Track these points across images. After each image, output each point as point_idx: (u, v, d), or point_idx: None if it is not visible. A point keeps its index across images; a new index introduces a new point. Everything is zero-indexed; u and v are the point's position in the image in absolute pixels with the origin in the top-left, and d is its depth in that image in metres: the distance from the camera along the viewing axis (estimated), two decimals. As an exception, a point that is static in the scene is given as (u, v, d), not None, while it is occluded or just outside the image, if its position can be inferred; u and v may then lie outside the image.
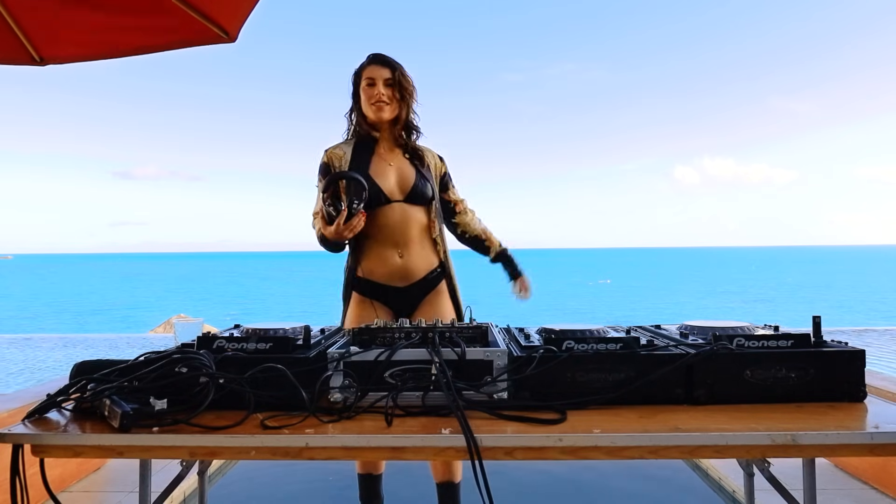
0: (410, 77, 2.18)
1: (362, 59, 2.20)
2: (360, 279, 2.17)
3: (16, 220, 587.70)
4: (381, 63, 2.14)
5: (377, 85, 2.12)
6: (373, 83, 2.12)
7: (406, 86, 2.15)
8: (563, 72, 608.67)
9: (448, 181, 2.33)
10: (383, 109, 2.12)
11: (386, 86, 2.12)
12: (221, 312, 26.63)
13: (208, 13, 2.11)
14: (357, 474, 2.26)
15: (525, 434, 1.11)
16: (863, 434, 1.09)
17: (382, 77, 2.12)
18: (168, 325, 11.49)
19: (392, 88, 2.13)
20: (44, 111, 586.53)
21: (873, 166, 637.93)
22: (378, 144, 2.20)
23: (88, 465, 3.02)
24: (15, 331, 19.55)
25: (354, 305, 2.19)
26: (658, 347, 1.33)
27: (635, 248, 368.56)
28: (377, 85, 2.12)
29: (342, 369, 1.27)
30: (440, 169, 2.31)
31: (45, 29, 2.23)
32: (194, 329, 1.72)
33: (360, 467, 2.25)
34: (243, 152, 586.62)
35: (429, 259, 2.19)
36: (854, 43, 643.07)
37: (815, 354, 1.28)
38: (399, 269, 2.14)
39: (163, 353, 1.30)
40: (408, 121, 2.20)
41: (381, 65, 2.14)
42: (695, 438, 1.09)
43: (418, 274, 2.16)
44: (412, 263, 2.15)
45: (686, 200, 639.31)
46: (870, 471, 2.80)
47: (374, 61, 2.15)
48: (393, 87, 2.13)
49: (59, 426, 1.17)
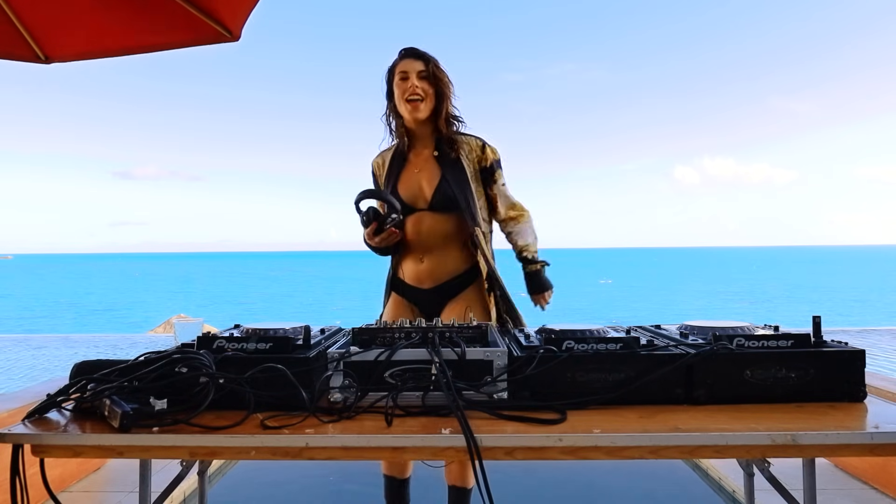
0: (445, 70, 2.11)
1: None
2: (399, 280, 2.23)
3: (16, 220, 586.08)
4: (413, 56, 2.09)
5: (410, 78, 2.06)
6: (406, 77, 2.07)
7: (441, 77, 2.09)
8: (563, 72, 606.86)
9: (491, 173, 2.17)
10: (418, 108, 2.06)
11: (420, 79, 2.06)
12: (221, 312, 26.64)
13: (212, 11, 2.11)
14: (382, 474, 2.21)
15: (525, 434, 1.11)
16: (863, 434, 1.09)
17: (416, 70, 2.06)
18: (168, 325, 11.50)
19: (427, 81, 2.07)
20: (44, 111, 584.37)
21: (873, 166, 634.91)
22: (411, 150, 2.17)
23: (88, 465, 3.02)
24: (15, 331, 19.55)
25: (392, 303, 2.25)
26: (658, 347, 1.33)
27: (635, 248, 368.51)
28: (410, 78, 2.06)
29: (342, 369, 1.27)
30: (481, 160, 2.15)
31: (49, 28, 2.24)
32: (194, 329, 1.72)
33: (386, 468, 2.19)
34: (243, 152, 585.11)
35: (455, 263, 2.14)
36: (854, 43, 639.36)
37: (815, 354, 1.28)
38: (422, 272, 2.15)
39: (163, 353, 1.30)
40: (447, 114, 2.12)
41: (414, 58, 2.09)
42: (695, 438, 1.09)
43: (441, 278, 2.14)
44: (434, 268, 2.14)
45: (686, 200, 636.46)
46: (870, 471, 2.80)
47: (406, 55, 2.10)
48: (428, 80, 2.07)
49: (59, 426, 1.17)
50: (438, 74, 2.08)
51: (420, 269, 2.15)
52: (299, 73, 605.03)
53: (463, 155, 2.13)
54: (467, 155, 2.14)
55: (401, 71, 2.08)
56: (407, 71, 2.07)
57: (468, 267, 2.15)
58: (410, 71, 2.07)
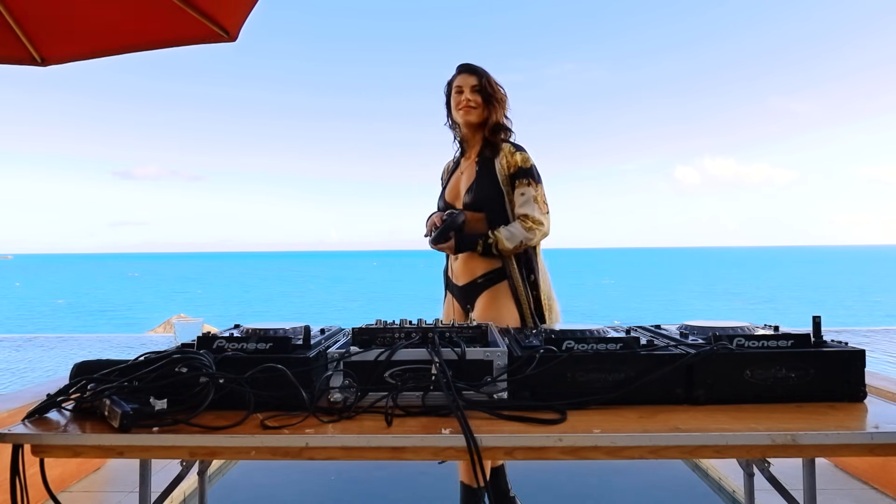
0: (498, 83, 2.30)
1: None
2: (447, 276, 2.43)
3: (16, 220, 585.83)
4: (468, 71, 2.29)
5: (465, 92, 2.27)
6: (461, 91, 2.28)
7: (493, 90, 2.28)
8: (563, 72, 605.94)
9: (516, 178, 2.23)
10: (470, 113, 2.27)
11: (473, 92, 2.26)
12: (221, 312, 26.63)
13: (208, 13, 2.11)
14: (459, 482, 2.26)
15: (525, 434, 1.11)
16: (863, 434, 1.09)
17: (469, 84, 2.27)
18: (168, 325, 11.49)
19: (478, 94, 2.26)
20: (44, 111, 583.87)
21: (874, 166, 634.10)
22: (465, 155, 2.39)
23: (88, 465, 3.02)
24: (15, 331, 19.55)
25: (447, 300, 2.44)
26: (658, 347, 1.33)
27: (635, 248, 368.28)
28: (465, 92, 2.27)
29: (342, 369, 1.27)
30: (510, 165, 2.24)
31: (46, 29, 2.24)
32: (194, 329, 1.72)
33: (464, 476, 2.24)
34: (244, 152, 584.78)
35: (484, 262, 2.24)
36: (855, 43, 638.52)
37: (815, 354, 1.28)
38: (457, 269, 2.33)
39: (163, 353, 1.30)
40: (497, 123, 2.29)
41: (469, 73, 2.29)
42: (695, 438, 1.09)
43: (472, 275, 2.28)
44: (465, 265, 2.29)
45: (686, 200, 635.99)
46: (870, 471, 2.80)
47: (462, 71, 2.30)
48: (480, 93, 2.26)
49: (59, 426, 1.17)
50: (489, 89, 2.27)
51: (456, 266, 2.34)
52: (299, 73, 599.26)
53: (498, 159, 2.26)
54: (501, 160, 2.26)
55: (457, 86, 2.30)
56: (462, 85, 2.29)
57: (497, 266, 2.24)
58: (465, 85, 2.28)
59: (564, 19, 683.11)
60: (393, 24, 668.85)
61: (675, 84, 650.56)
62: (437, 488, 2.95)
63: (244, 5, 2.13)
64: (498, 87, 2.29)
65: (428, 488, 3.00)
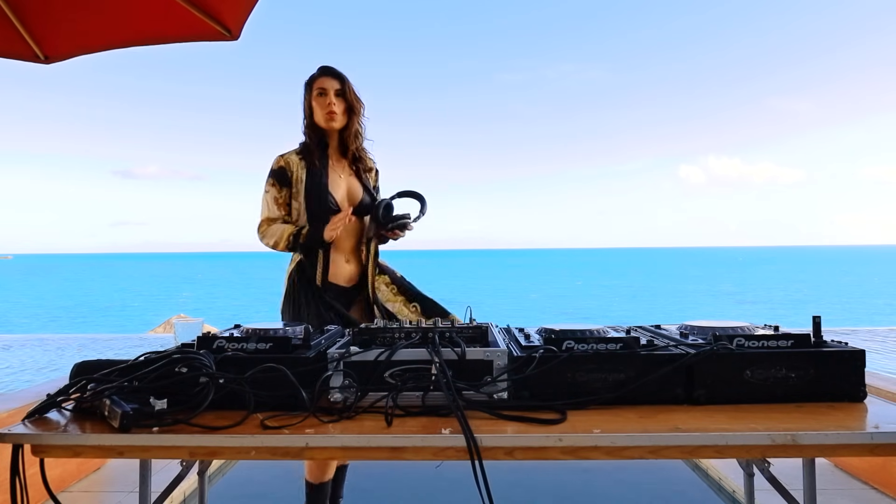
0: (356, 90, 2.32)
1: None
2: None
3: (16, 220, 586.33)
4: (331, 75, 2.28)
5: (328, 95, 2.25)
6: (324, 93, 2.26)
7: (355, 97, 2.30)
8: (563, 72, 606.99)
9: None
10: (334, 118, 2.26)
11: (336, 96, 2.26)
12: (221, 312, 26.63)
13: (211, 11, 2.12)
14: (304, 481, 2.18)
15: (525, 434, 1.11)
16: (863, 434, 1.09)
17: (333, 88, 2.26)
18: (168, 325, 11.49)
19: (341, 99, 2.27)
20: (44, 111, 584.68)
21: (877, 166, 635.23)
22: (329, 156, 2.34)
23: (88, 465, 3.02)
24: (15, 331, 19.56)
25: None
26: (658, 347, 1.33)
27: (636, 248, 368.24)
28: (328, 95, 2.25)
29: (342, 369, 1.27)
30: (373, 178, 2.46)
31: (49, 27, 2.24)
32: (194, 329, 1.72)
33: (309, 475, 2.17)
34: (244, 152, 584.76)
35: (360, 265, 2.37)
36: (857, 42, 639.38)
37: (814, 354, 1.28)
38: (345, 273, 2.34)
39: (163, 353, 1.30)
40: (356, 130, 2.34)
41: (332, 77, 2.28)
42: (695, 438, 1.09)
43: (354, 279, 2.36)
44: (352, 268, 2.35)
45: (688, 200, 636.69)
46: (870, 471, 2.80)
47: (324, 73, 2.28)
48: (342, 98, 2.27)
49: (59, 426, 1.17)
50: (350, 96, 2.28)
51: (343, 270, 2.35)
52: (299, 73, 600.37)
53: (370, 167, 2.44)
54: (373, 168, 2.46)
55: (319, 87, 2.27)
56: (325, 88, 2.26)
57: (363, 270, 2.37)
58: (328, 88, 2.26)
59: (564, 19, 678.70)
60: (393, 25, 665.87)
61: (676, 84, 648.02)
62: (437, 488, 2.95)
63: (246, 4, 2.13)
64: (356, 94, 2.31)
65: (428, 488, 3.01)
